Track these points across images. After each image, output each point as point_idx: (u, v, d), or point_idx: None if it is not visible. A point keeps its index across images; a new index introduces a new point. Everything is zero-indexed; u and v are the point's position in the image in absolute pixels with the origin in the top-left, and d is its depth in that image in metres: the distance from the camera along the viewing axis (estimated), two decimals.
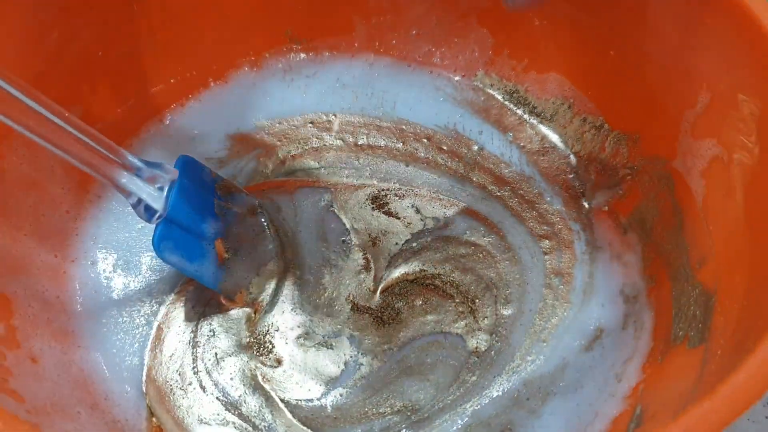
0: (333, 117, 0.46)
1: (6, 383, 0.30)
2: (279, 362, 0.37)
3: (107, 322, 0.38)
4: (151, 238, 0.36)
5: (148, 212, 0.36)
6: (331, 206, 0.42)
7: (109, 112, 0.42)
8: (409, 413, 0.35)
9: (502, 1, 0.41)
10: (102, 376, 0.36)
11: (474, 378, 0.36)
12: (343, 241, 0.40)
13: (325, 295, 0.38)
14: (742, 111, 0.33)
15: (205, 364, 0.36)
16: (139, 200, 0.35)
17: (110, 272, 0.39)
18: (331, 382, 0.36)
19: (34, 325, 0.35)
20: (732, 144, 0.34)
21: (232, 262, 0.38)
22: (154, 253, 0.38)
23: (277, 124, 0.46)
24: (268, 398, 0.36)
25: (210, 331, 0.37)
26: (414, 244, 0.41)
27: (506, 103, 0.47)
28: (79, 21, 0.39)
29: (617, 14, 0.41)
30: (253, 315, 0.38)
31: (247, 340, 0.37)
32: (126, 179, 0.35)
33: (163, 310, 0.38)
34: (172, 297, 0.38)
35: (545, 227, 0.42)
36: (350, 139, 0.45)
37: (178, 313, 0.38)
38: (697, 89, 0.37)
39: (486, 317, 0.38)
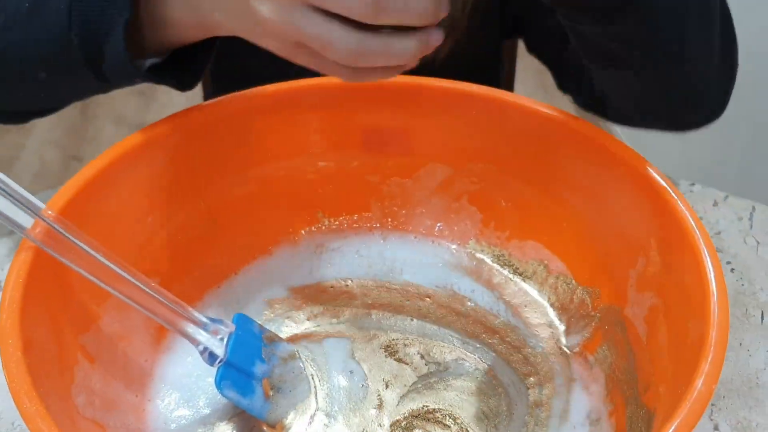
0: (350, 281, 0.57)
1: None
2: None
3: None
4: (206, 380, 0.45)
5: (211, 357, 0.46)
6: (353, 355, 0.52)
7: (179, 281, 0.53)
8: None
9: None
10: None
11: None
12: (362, 385, 0.50)
13: (342, 429, 0.46)
14: (655, 261, 0.44)
15: None
16: (205, 348, 0.46)
17: (175, 407, 0.48)
18: None
19: None
20: (659, 289, 0.45)
21: (275, 398, 0.48)
22: (208, 392, 0.48)
23: (305, 290, 0.57)
24: None
25: None
26: (419, 385, 0.49)
27: (494, 265, 0.58)
28: (167, 211, 0.52)
29: (561, 190, 0.53)
30: None
31: None
32: (195, 332, 0.46)
33: None
34: (222, 426, 0.47)
35: (529, 367, 0.51)
36: (364, 300, 0.55)
37: None
38: (635, 253, 0.49)
39: None
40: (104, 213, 0.48)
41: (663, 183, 0.45)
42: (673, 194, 0.44)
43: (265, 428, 0.47)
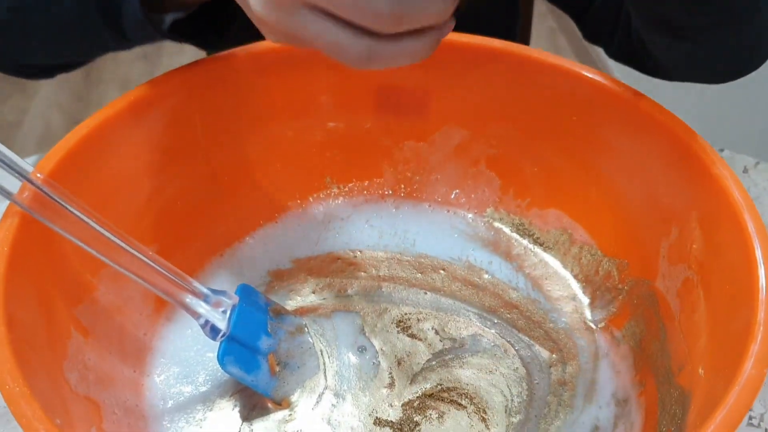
0: (359, 253, 0.54)
1: None
2: None
3: (171, 426, 0.44)
4: (207, 355, 0.43)
5: (213, 331, 0.43)
6: (363, 331, 0.49)
7: (179, 249, 0.50)
8: None
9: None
10: None
11: None
12: (373, 363, 0.47)
13: (351, 410, 0.44)
14: (696, 231, 0.41)
15: None
16: (207, 321, 0.43)
17: (173, 382, 0.46)
18: None
19: (118, 429, 0.42)
20: (695, 263, 0.41)
21: (282, 374, 0.45)
22: (209, 367, 0.45)
23: (311, 261, 0.53)
24: None
25: (250, 430, 0.43)
26: (434, 363, 0.47)
27: (513, 234, 0.54)
28: (167, 174, 0.49)
29: (590, 155, 0.49)
30: (288, 417, 0.44)
31: None
32: (196, 304, 0.43)
33: (214, 414, 0.44)
34: (223, 403, 0.45)
35: (551, 343, 0.48)
36: (374, 272, 0.52)
37: (226, 415, 0.44)
38: (669, 222, 0.45)
39: (497, 425, 0.44)
40: (98, 176, 0.45)
41: (707, 151, 0.41)
42: (718, 164, 0.41)
43: (269, 405, 0.44)
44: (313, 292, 0.51)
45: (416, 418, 0.44)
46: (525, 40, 0.85)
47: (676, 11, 0.48)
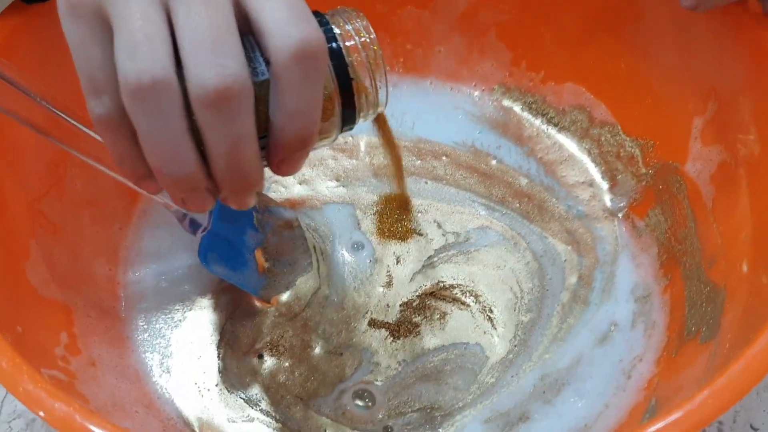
0: (350, 138, 0.48)
1: (73, 386, 0.33)
2: (291, 364, 0.39)
3: (149, 327, 0.41)
4: (187, 252, 0.39)
5: (192, 225, 0.39)
6: (359, 225, 0.44)
7: None
8: (429, 410, 0.38)
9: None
10: (153, 378, 0.39)
11: (492, 380, 0.38)
12: (370, 260, 0.43)
13: (344, 312, 0.41)
14: (743, 112, 0.35)
15: (226, 365, 0.39)
16: (184, 215, 0.38)
17: (151, 281, 0.42)
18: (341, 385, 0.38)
19: (93, 333, 0.38)
20: (736, 146, 0.36)
21: (271, 272, 0.41)
22: (190, 264, 0.42)
23: None
24: (284, 396, 0.38)
25: (233, 334, 0.40)
26: (435, 259, 0.43)
27: (524, 114, 0.49)
28: None
29: (622, 24, 0.43)
30: (277, 320, 0.40)
31: (268, 339, 0.40)
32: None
33: (194, 314, 0.41)
34: (204, 302, 0.41)
35: (565, 234, 0.44)
36: (367, 159, 0.47)
37: (207, 315, 0.41)
38: (705, 97, 0.40)
39: (504, 324, 0.40)
40: (44, 43, 0.39)
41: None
42: None
43: (257, 303, 0.41)
44: (300, 183, 0.46)
45: (415, 319, 0.40)
46: None
47: None
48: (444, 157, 0.48)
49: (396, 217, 0.45)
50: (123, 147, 0.26)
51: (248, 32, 0.26)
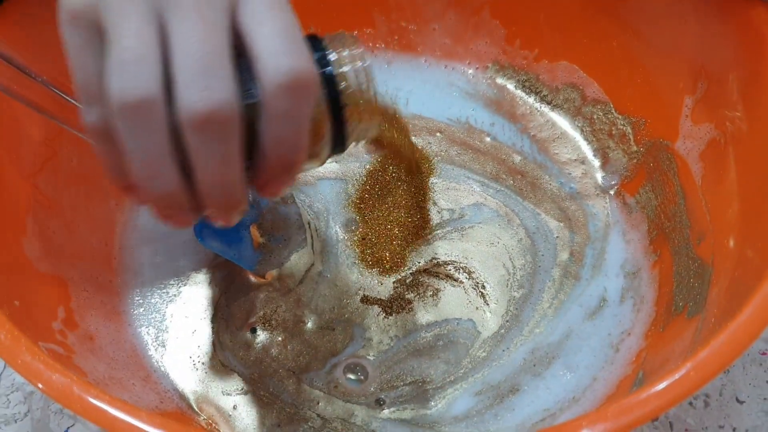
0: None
1: (71, 360, 0.33)
2: (284, 338, 0.40)
3: (144, 302, 0.41)
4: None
5: None
6: (352, 202, 0.44)
7: None
8: (421, 384, 0.38)
9: None
10: (149, 351, 0.40)
11: (484, 354, 0.39)
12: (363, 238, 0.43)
13: (337, 288, 0.41)
14: (732, 90, 0.36)
15: (220, 339, 0.40)
16: None
17: (149, 257, 0.42)
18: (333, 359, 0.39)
19: (89, 307, 0.39)
20: (725, 124, 0.37)
21: (265, 247, 0.41)
22: (185, 239, 0.42)
23: None
24: (276, 369, 0.39)
25: (228, 309, 0.41)
26: (429, 236, 0.43)
27: (518, 92, 0.49)
28: None
29: (615, 3, 0.43)
30: (271, 295, 0.41)
31: (261, 313, 0.40)
32: None
33: (189, 288, 0.41)
34: (199, 276, 0.42)
35: (558, 211, 0.44)
36: None
37: (202, 290, 0.41)
38: (696, 76, 0.40)
39: (497, 300, 0.41)
40: (38, 20, 0.38)
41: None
42: None
43: (251, 278, 0.41)
44: None
45: (408, 296, 0.41)
46: None
47: None
48: (438, 134, 0.48)
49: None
50: (110, 157, 0.26)
51: (245, 52, 0.25)
